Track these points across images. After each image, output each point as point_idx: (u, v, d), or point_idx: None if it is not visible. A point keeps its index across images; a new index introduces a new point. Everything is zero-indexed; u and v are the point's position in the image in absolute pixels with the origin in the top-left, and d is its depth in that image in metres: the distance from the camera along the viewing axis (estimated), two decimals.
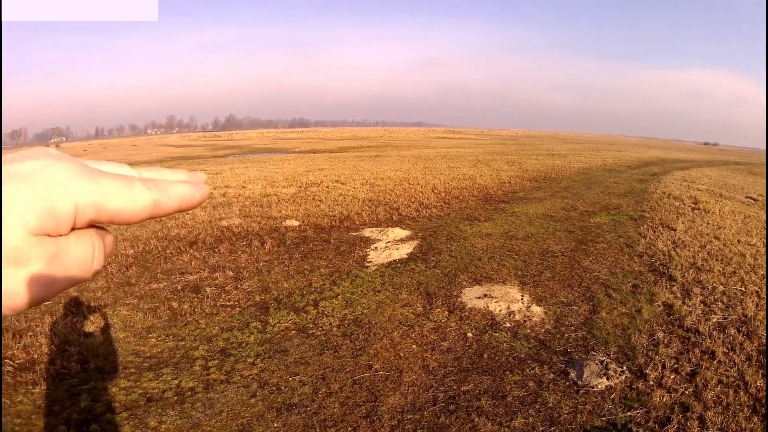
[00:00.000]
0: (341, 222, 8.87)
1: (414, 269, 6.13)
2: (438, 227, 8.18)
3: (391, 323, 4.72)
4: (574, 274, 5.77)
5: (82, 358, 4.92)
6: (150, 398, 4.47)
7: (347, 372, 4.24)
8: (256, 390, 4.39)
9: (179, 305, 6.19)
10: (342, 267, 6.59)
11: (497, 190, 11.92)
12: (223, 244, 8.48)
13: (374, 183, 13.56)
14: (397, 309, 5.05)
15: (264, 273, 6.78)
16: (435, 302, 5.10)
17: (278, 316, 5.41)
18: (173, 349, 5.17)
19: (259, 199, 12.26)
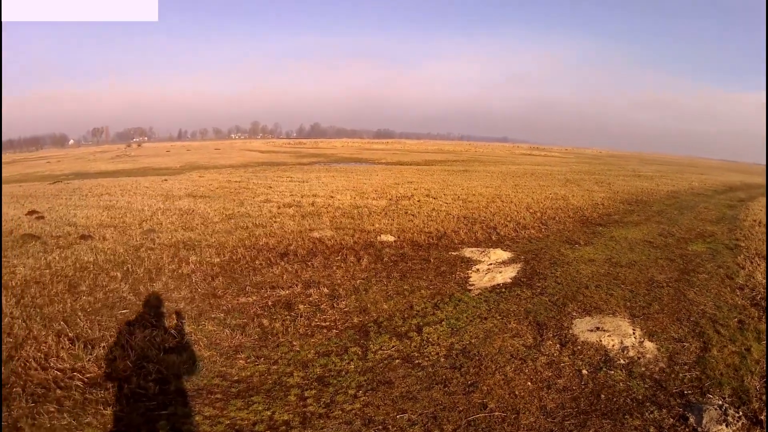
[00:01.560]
0: (439, 240, 11.10)
1: (520, 295, 7.41)
2: (539, 250, 10.12)
3: (502, 355, 5.59)
4: (681, 307, 7.10)
5: (162, 377, 5.67)
6: (239, 431, 4.86)
7: (460, 411, 4.76)
8: (360, 428, 4.83)
9: (270, 323, 6.98)
10: (444, 289, 7.90)
11: (592, 212, 15.05)
12: (316, 258, 9.90)
13: (466, 199, 17.40)
14: (507, 340, 5.97)
15: (361, 292, 7.97)
16: (546, 333, 6.08)
17: (379, 342, 6.24)
18: (264, 374, 5.73)
19: (350, 211, 15.13)
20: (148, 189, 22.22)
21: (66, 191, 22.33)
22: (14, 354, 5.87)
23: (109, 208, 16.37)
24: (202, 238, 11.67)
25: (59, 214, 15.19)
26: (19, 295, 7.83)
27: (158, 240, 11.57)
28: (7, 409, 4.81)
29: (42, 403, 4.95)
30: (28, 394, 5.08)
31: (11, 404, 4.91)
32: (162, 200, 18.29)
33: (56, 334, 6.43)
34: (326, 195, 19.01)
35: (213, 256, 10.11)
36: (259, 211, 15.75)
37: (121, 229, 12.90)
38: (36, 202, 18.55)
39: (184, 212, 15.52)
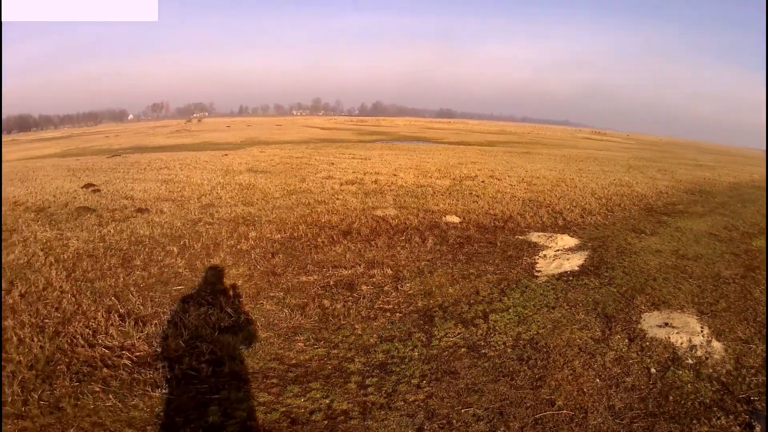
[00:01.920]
0: (505, 222, 11.18)
1: (588, 285, 7.41)
2: (606, 237, 10.19)
3: (570, 349, 5.55)
4: (748, 305, 6.94)
5: (215, 358, 5.51)
6: (294, 420, 4.72)
7: (527, 407, 4.69)
8: (423, 422, 4.63)
9: (331, 304, 6.89)
10: (510, 275, 7.90)
11: (656, 201, 15.13)
12: (380, 237, 9.86)
13: (530, 182, 17.51)
14: (575, 332, 5.93)
15: (426, 274, 7.98)
16: (614, 327, 6.05)
17: (444, 328, 6.17)
18: (324, 358, 5.60)
19: (413, 189, 15.18)
20: (207, 163, 22.65)
21: (124, 165, 22.84)
22: (61, 329, 5.82)
23: (168, 182, 16.58)
24: (262, 214, 11.67)
25: (116, 188, 15.48)
26: (70, 268, 7.85)
27: (217, 215, 11.59)
28: (49, 388, 4.73)
29: (87, 382, 4.87)
30: (72, 372, 5.01)
31: (54, 382, 4.83)
32: (222, 175, 18.52)
33: (106, 309, 6.40)
34: (389, 173, 19.22)
35: (273, 232, 10.08)
36: (321, 187, 15.73)
37: (179, 203, 13.02)
38: (93, 175, 18.98)
39: (244, 187, 15.57)
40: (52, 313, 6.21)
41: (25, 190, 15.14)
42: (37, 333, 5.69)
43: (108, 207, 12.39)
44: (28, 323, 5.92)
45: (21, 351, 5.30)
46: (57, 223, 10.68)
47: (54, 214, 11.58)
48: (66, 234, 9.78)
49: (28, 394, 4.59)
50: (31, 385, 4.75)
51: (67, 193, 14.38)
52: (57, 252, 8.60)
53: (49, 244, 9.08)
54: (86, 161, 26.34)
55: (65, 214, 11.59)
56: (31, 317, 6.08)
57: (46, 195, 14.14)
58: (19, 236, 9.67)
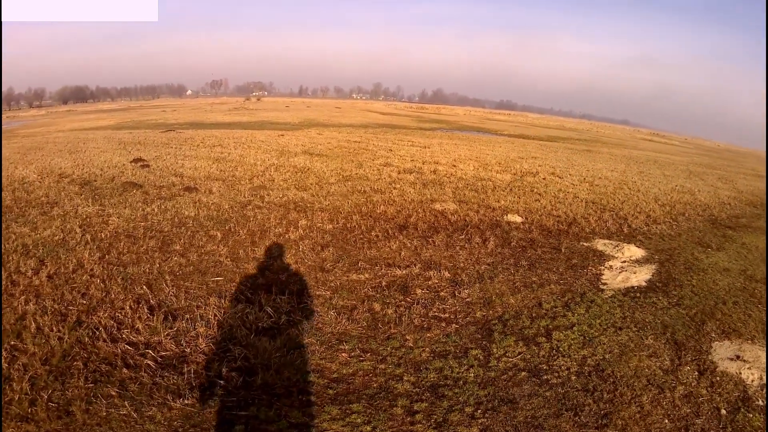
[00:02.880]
0: (569, 226, 10.84)
1: (656, 304, 7.08)
2: (672, 250, 9.83)
3: (638, 380, 5.22)
4: None
5: (248, 366, 5.04)
6: None
7: None
8: None
9: (382, 309, 6.44)
10: (575, 286, 7.57)
11: (720, 212, 14.70)
12: (438, 234, 9.44)
13: (593, 182, 17.27)
14: (644, 360, 5.60)
15: (486, 280, 7.57)
16: (684, 357, 5.73)
17: (504, 345, 5.79)
18: (369, 374, 5.14)
19: (473, 183, 15.01)
20: (263, 143, 22.14)
21: (177, 140, 22.80)
22: (84, 319, 5.46)
23: (220, 161, 16.38)
24: (315, 200, 11.35)
25: (166, 164, 15.32)
26: (105, 249, 7.56)
27: (267, 198, 11.28)
28: (61, 387, 4.35)
29: (103, 383, 4.48)
30: (89, 371, 4.62)
31: (68, 381, 4.44)
32: (276, 156, 18.26)
33: (135, 299, 6.02)
34: (448, 163, 18.80)
35: (325, 221, 9.72)
36: (378, 175, 15.34)
37: (229, 183, 12.75)
38: (144, 149, 18.94)
39: (299, 170, 15.27)
40: (78, 300, 5.88)
41: (73, 162, 15.13)
42: (59, 321, 5.35)
43: (155, 183, 12.20)
44: (51, 309, 5.59)
45: (38, 342, 4.96)
46: (100, 198, 10.50)
47: (99, 189, 11.44)
48: (108, 210, 9.56)
49: (37, 393, 4.24)
50: (42, 382, 4.39)
51: (115, 167, 14.29)
52: (95, 230, 8.35)
53: (88, 221, 8.85)
54: (139, 135, 26.46)
55: (110, 189, 11.44)
56: (55, 303, 5.76)
57: (93, 168, 14.07)
58: (60, 210, 9.48)
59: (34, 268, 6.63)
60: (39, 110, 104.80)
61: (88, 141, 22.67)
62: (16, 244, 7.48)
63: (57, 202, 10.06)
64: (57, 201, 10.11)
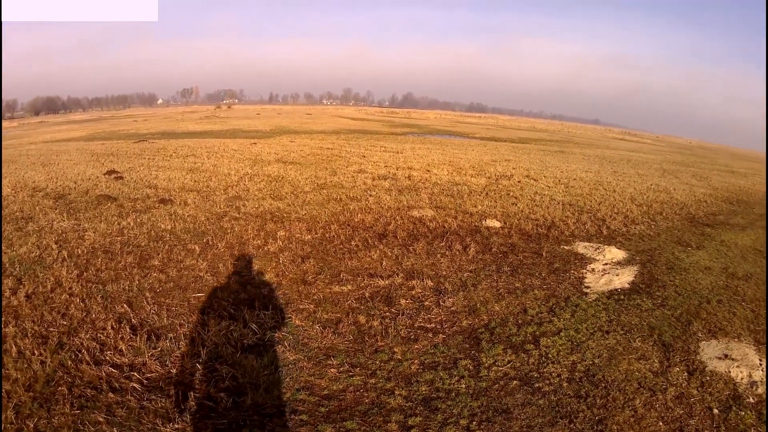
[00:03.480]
0: (548, 230, 10.89)
1: (641, 306, 7.15)
2: (653, 250, 9.96)
3: (629, 383, 5.25)
4: None
5: (236, 386, 4.95)
6: None
7: None
8: None
9: (367, 321, 6.40)
10: (559, 291, 7.58)
11: (697, 210, 14.96)
12: (418, 242, 9.43)
13: (568, 184, 17.47)
14: (633, 363, 5.65)
15: (470, 287, 7.56)
16: (672, 358, 5.80)
17: (493, 354, 5.77)
18: (360, 389, 5.08)
19: (448, 188, 15.09)
20: (236, 152, 22.24)
21: (150, 151, 22.62)
22: (66, 341, 5.33)
23: (194, 171, 16.25)
24: (291, 210, 11.29)
25: (140, 175, 15.15)
26: (83, 266, 7.41)
27: (244, 209, 11.18)
28: (47, 415, 4.23)
29: (90, 409, 4.37)
30: (75, 396, 4.51)
31: (53, 408, 4.32)
32: (250, 165, 18.17)
33: (117, 318, 5.90)
34: (422, 168, 19.00)
35: (303, 232, 9.64)
36: (352, 182, 15.32)
37: (204, 194, 12.63)
38: (117, 161, 18.74)
39: (273, 179, 15.20)
40: (58, 321, 5.75)
41: (46, 175, 14.91)
42: (40, 344, 5.22)
43: (130, 196, 12.03)
44: (31, 332, 5.46)
45: (20, 366, 4.83)
46: (75, 212, 10.33)
47: (73, 202, 11.26)
48: (83, 225, 9.39)
49: (23, 422, 4.12)
50: (27, 410, 4.26)
51: (89, 180, 14.09)
52: (72, 245, 8.19)
53: (64, 236, 8.69)
54: (112, 146, 26.15)
55: (85, 202, 11.26)
56: (35, 324, 5.63)
57: (67, 181, 13.86)
58: (35, 225, 9.32)
59: (12, 288, 6.48)
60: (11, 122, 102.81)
61: (61, 153, 22.37)
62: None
63: (32, 216, 9.90)
64: (32, 216, 9.95)
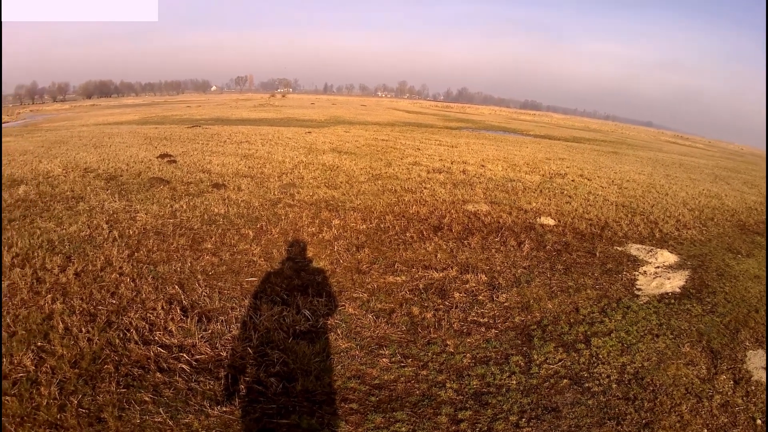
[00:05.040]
0: (602, 230, 10.94)
1: (690, 311, 7.18)
2: (704, 256, 9.94)
3: (677, 389, 5.25)
4: None
5: (287, 371, 4.92)
6: None
7: None
8: None
9: (421, 312, 6.35)
10: (611, 291, 7.62)
11: (747, 217, 14.71)
12: (473, 236, 9.38)
13: (621, 185, 17.43)
14: (681, 368, 5.64)
15: (523, 284, 7.59)
16: (720, 365, 5.77)
17: (544, 352, 5.78)
18: (411, 380, 5.05)
19: (503, 184, 15.13)
20: (290, 140, 22.31)
21: (203, 136, 22.86)
22: (114, 320, 5.35)
23: (248, 157, 16.33)
24: (346, 199, 11.25)
25: (193, 160, 15.31)
26: (134, 246, 7.46)
27: (298, 196, 11.18)
28: (92, 392, 4.23)
29: (136, 388, 4.37)
30: (121, 375, 4.51)
31: (99, 386, 4.33)
32: (304, 153, 18.22)
33: (167, 299, 5.91)
34: (477, 163, 18.91)
35: (358, 221, 9.60)
36: (407, 173, 15.23)
37: (258, 180, 12.67)
38: (170, 145, 19.01)
39: (328, 168, 15.20)
40: (107, 299, 5.78)
41: (98, 157, 15.16)
42: (88, 322, 5.24)
43: (183, 180, 12.14)
44: (79, 309, 5.49)
45: (66, 343, 4.85)
46: (127, 194, 10.46)
47: (125, 184, 11.41)
48: (135, 206, 9.49)
49: (66, 398, 4.11)
50: (71, 386, 4.27)
51: (141, 162, 14.28)
52: (123, 226, 8.27)
53: (115, 216, 8.79)
54: (165, 130, 26.60)
55: (137, 184, 11.39)
56: (83, 302, 5.66)
57: (119, 163, 14.07)
58: (86, 205, 9.43)
59: (61, 265, 6.55)
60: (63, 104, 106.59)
61: (113, 135, 22.80)
62: (41, 240, 7.42)
63: (83, 197, 10.03)
64: (83, 196, 10.08)
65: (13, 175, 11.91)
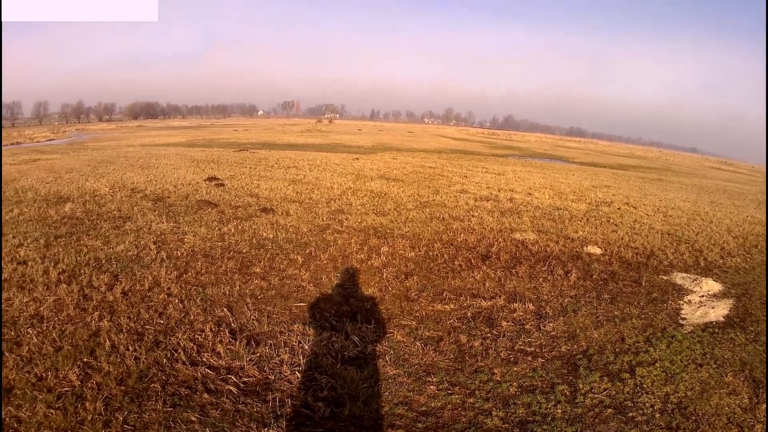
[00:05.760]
0: (647, 258, 10.85)
1: (734, 340, 7.11)
2: (748, 284, 9.77)
3: (718, 418, 5.23)
4: None
5: (335, 396, 4.94)
6: None
7: None
8: None
9: (468, 341, 6.37)
10: (656, 321, 7.60)
11: None
12: (521, 265, 9.40)
13: (666, 213, 17.41)
14: (724, 397, 5.60)
15: (570, 313, 7.59)
16: (761, 394, 5.70)
17: (590, 381, 5.78)
18: (458, 408, 5.04)
19: (550, 212, 15.13)
20: (338, 166, 22.67)
21: (251, 160, 23.49)
22: (162, 340, 5.44)
23: (296, 182, 16.58)
24: (394, 226, 11.29)
25: (241, 183, 15.58)
26: (182, 268, 7.59)
27: (346, 222, 11.27)
28: (138, 410, 4.30)
29: (182, 408, 4.42)
30: (168, 394, 4.57)
31: (145, 404, 4.39)
32: (352, 179, 18.39)
33: (216, 321, 5.99)
34: (523, 191, 18.92)
35: (407, 249, 9.61)
36: (455, 201, 15.27)
37: (307, 206, 12.81)
38: (218, 168, 19.42)
39: (376, 194, 15.32)
40: (155, 319, 5.90)
41: (145, 177, 15.59)
42: (135, 341, 5.36)
43: (231, 203, 12.34)
44: (126, 327, 5.62)
45: (112, 360, 4.96)
46: (174, 216, 10.68)
47: (173, 206, 11.67)
48: (183, 228, 9.68)
49: (111, 415, 4.19)
50: (117, 403, 4.35)
51: (189, 185, 14.62)
52: (170, 247, 8.44)
53: (163, 237, 8.98)
54: (212, 153, 27.19)
55: (184, 206, 11.63)
56: (131, 321, 5.80)
57: (166, 184, 14.45)
58: (133, 225, 9.68)
59: (108, 284, 6.70)
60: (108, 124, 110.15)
61: (161, 157, 23.46)
62: (88, 257, 7.62)
63: (129, 216, 10.28)
64: (130, 216, 10.34)
65: (59, 192, 12.37)
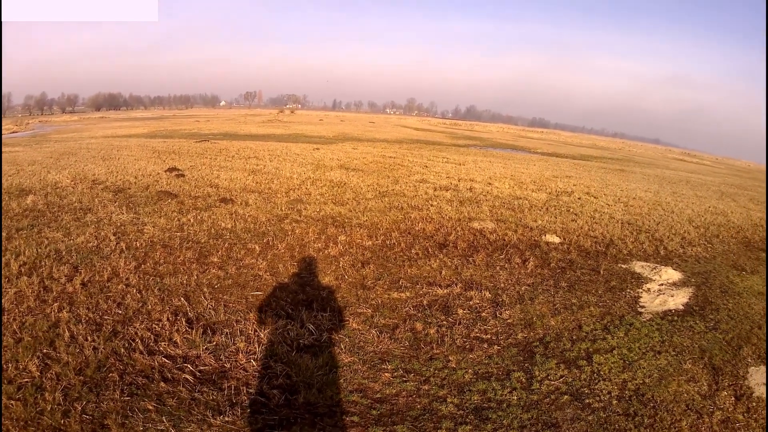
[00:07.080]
0: (606, 247, 11.02)
1: (693, 328, 7.21)
2: (708, 273, 9.96)
3: (677, 405, 5.28)
4: None
5: (290, 384, 5.00)
6: None
7: None
8: None
9: (424, 328, 6.42)
10: (614, 309, 7.65)
11: (753, 234, 14.79)
12: (478, 253, 9.50)
13: (627, 203, 17.54)
14: (683, 384, 5.68)
15: (527, 301, 7.65)
16: (721, 381, 5.79)
17: (546, 368, 5.81)
18: (413, 395, 5.10)
19: (509, 201, 15.24)
20: (298, 156, 22.45)
21: (211, 151, 23.16)
22: (120, 330, 5.44)
23: (255, 173, 16.49)
24: (353, 216, 11.33)
25: (201, 174, 15.48)
26: (141, 258, 7.57)
27: (305, 212, 11.28)
28: (96, 399, 4.32)
29: (140, 397, 4.45)
30: (125, 384, 4.59)
31: (103, 393, 4.41)
32: (312, 169, 18.38)
33: (173, 311, 6.00)
34: (484, 181, 19.05)
35: (364, 238, 9.67)
36: (414, 191, 15.35)
37: (266, 195, 12.79)
38: (178, 159, 19.24)
39: (335, 184, 15.33)
40: (113, 309, 5.88)
41: (106, 169, 15.39)
42: (93, 331, 5.34)
43: (191, 194, 12.28)
44: (85, 318, 5.60)
45: (71, 351, 4.94)
46: (135, 207, 10.60)
47: (133, 197, 11.57)
48: (143, 219, 9.61)
49: (70, 404, 4.20)
50: (76, 393, 4.36)
51: (150, 176, 14.47)
52: (130, 238, 8.39)
53: (123, 228, 8.91)
54: (173, 144, 26.91)
55: (145, 197, 11.55)
56: (90, 311, 5.77)
57: (127, 175, 14.27)
58: (93, 216, 9.59)
59: (68, 275, 6.66)
60: (71, 116, 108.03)
61: (122, 148, 23.13)
62: (48, 249, 7.55)
63: (90, 208, 10.19)
64: (90, 207, 10.24)
65: (21, 184, 12.15)
